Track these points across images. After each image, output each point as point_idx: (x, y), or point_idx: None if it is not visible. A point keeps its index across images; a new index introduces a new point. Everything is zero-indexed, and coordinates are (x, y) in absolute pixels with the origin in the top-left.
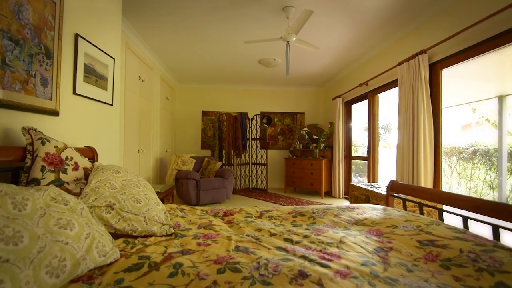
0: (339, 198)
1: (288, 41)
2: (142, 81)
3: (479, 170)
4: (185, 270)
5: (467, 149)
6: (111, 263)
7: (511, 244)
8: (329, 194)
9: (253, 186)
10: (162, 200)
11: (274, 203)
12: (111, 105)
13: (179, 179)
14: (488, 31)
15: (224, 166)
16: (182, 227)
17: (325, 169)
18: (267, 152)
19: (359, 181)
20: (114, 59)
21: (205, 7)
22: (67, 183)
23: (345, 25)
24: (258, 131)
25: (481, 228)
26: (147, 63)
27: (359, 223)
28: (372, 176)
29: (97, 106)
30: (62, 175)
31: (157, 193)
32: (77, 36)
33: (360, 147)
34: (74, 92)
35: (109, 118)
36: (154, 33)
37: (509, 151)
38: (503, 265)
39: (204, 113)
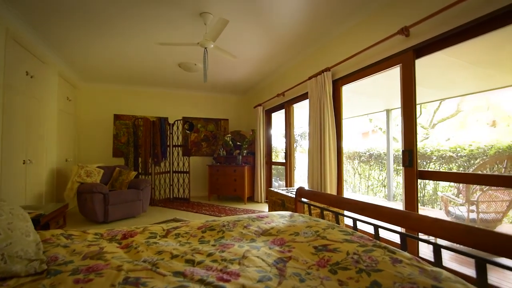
0: (261, 202)
1: (205, 48)
2: (31, 77)
3: (374, 170)
4: None
5: (365, 153)
6: None
7: (387, 240)
8: (252, 199)
9: (174, 196)
10: (47, 225)
11: (196, 212)
12: None
13: (82, 193)
14: (376, 56)
15: (140, 176)
16: (61, 260)
17: (248, 175)
18: (189, 159)
19: (279, 185)
20: None
21: (113, 1)
22: None
23: (261, 38)
24: (180, 138)
25: (370, 228)
26: (39, 56)
27: (265, 233)
28: (289, 180)
29: None
30: None
31: (40, 216)
32: None
33: (280, 153)
34: None
35: None
36: (49, 23)
37: (394, 154)
38: (378, 264)
39: (117, 117)
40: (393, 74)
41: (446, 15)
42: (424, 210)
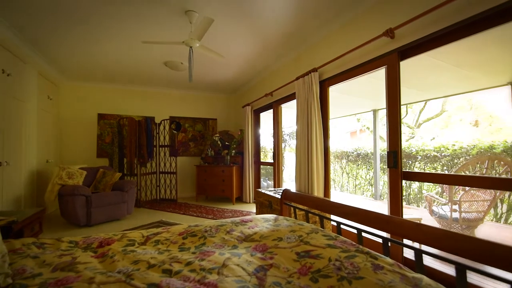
0: (249, 203)
1: (191, 47)
2: (8, 75)
3: (362, 170)
4: None
5: (353, 153)
6: None
7: (370, 245)
8: (240, 199)
9: (161, 197)
10: (21, 232)
11: (183, 214)
12: None
13: (63, 196)
14: (362, 57)
15: (126, 177)
16: (28, 272)
17: (236, 176)
18: (176, 159)
19: (268, 185)
20: None
21: None
22: None
23: (248, 37)
24: (167, 138)
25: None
26: (17, 53)
27: (248, 238)
28: (277, 180)
29: None
30: None
31: (12, 223)
32: None
33: (269, 153)
34: None
35: None
36: (29, 20)
37: (381, 154)
38: (359, 270)
39: (101, 116)
40: (380, 75)
41: (429, 18)
42: (409, 209)
